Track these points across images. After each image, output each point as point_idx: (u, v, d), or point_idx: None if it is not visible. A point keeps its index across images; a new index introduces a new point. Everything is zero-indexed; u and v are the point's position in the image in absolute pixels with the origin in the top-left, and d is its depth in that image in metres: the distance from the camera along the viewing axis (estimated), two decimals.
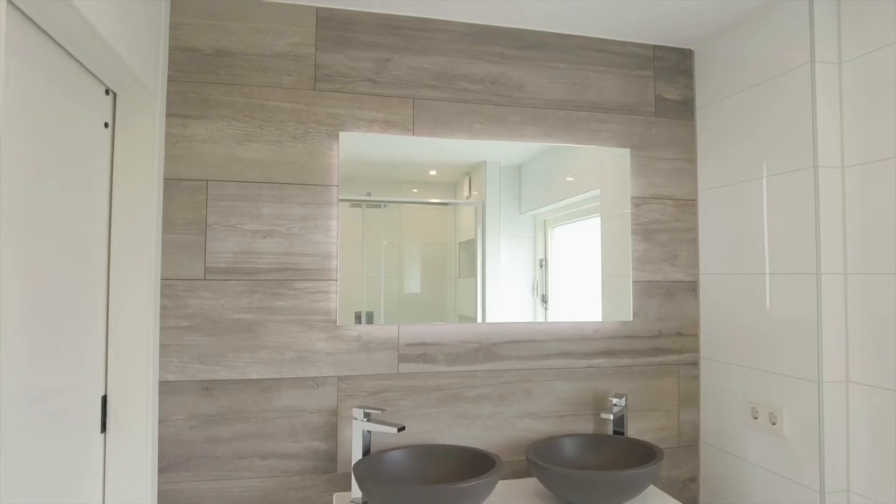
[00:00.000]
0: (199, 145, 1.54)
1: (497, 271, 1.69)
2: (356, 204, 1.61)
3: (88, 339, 1.32)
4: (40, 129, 1.06)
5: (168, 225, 1.51)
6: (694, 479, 1.85)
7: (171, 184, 1.52)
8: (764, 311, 1.60)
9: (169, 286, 1.51)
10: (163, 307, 1.50)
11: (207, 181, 1.54)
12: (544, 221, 1.74)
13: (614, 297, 1.77)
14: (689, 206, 1.87)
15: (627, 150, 1.80)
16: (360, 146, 1.61)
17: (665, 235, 1.84)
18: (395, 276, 1.62)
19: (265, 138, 1.58)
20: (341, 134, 1.60)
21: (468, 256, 1.68)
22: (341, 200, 1.60)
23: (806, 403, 1.46)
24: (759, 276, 1.61)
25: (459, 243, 1.68)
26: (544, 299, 1.72)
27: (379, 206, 1.63)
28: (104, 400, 1.39)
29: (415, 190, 1.65)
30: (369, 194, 1.61)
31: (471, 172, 1.69)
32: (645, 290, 1.82)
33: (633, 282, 1.81)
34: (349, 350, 1.60)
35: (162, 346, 1.50)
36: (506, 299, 1.70)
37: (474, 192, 1.69)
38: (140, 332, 1.42)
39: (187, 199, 1.53)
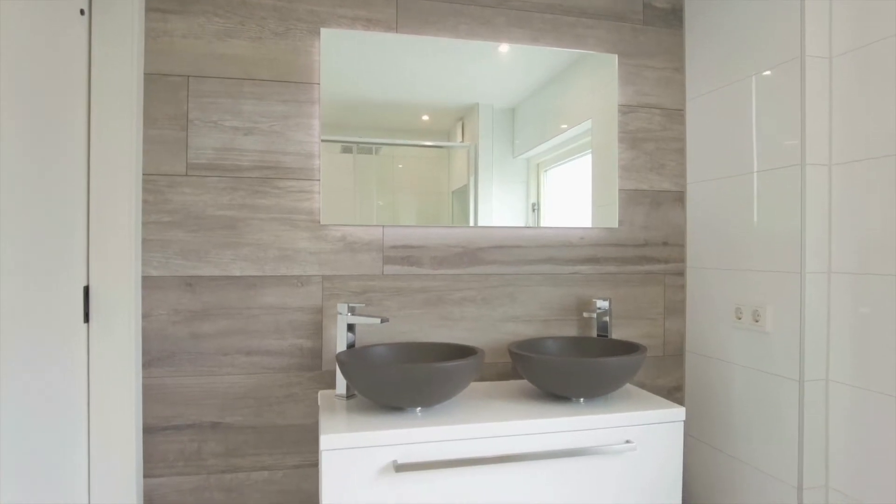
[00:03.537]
0: (179, 41, 1.52)
1: (489, 217, 1.68)
2: (347, 148, 1.59)
3: (69, 229, 1.31)
4: (9, 9, 1.04)
5: (149, 120, 1.50)
6: (679, 387, 1.86)
7: (152, 79, 1.50)
8: (750, 210, 1.59)
9: (150, 181, 1.50)
10: (145, 202, 1.49)
11: (188, 77, 1.52)
12: (537, 165, 1.72)
13: (601, 215, 1.77)
14: (676, 115, 1.85)
15: (615, 58, 1.78)
16: (345, 55, 1.58)
17: (652, 144, 1.83)
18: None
19: (246, 34, 1.55)
20: (322, 30, 1.57)
21: (461, 204, 1.67)
22: (324, 141, 1.57)
23: (789, 296, 1.46)
24: (746, 175, 1.60)
25: (452, 192, 1.67)
26: None
27: (371, 152, 1.61)
28: (86, 290, 1.40)
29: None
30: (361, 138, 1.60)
31: (464, 117, 1.67)
32: (631, 198, 1.81)
33: (619, 189, 1.80)
34: (333, 250, 1.60)
35: (144, 241, 1.49)
36: None
37: (467, 142, 1.67)
38: (122, 225, 1.42)
39: (168, 95, 1.51)
